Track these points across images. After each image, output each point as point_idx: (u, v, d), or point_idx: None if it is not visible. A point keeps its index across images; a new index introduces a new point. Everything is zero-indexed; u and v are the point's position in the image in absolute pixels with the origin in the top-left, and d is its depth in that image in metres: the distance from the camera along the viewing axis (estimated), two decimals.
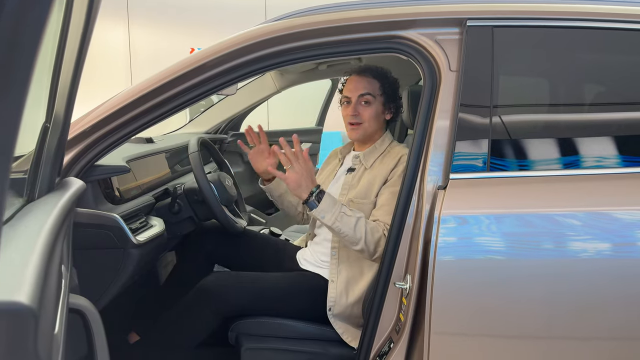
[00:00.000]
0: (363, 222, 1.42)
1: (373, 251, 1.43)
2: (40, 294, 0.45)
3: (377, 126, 1.63)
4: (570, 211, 1.17)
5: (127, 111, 1.30)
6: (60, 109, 0.90)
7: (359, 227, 1.41)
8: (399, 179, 1.50)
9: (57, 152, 0.95)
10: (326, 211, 1.40)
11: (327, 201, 1.41)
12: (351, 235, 1.41)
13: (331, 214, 1.40)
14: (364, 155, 1.63)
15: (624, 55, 1.27)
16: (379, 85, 1.61)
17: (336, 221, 1.40)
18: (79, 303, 0.88)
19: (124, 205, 1.48)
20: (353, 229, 1.40)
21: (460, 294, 1.16)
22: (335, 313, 1.50)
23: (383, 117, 1.64)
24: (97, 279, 1.35)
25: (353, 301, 1.50)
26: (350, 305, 1.50)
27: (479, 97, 1.22)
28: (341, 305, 1.50)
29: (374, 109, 1.60)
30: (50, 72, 0.84)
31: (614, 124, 1.27)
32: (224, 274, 1.64)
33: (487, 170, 1.20)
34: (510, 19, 1.24)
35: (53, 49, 0.81)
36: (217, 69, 1.30)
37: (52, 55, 0.82)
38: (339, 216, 1.40)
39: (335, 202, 1.42)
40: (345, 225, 1.40)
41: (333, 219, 1.40)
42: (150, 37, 5.34)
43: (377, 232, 1.44)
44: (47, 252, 0.56)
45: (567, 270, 1.15)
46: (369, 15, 1.28)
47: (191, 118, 2.87)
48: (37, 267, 0.47)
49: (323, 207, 1.40)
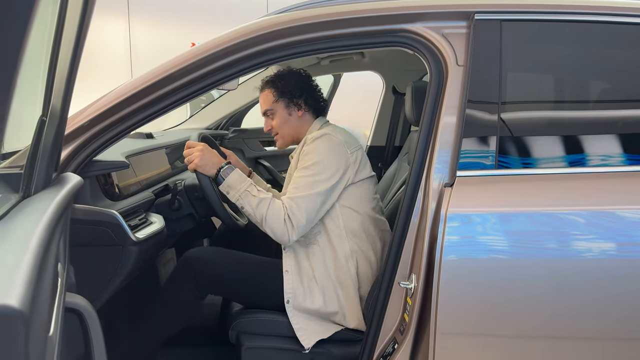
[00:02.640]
0: (266, 203, 1.43)
1: (278, 235, 1.43)
2: (32, 297, 0.43)
3: (293, 127, 1.64)
4: (578, 210, 1.15)
5: (127, 105, 1.28)
6: (57, 102, 0.88)
7: (260, 208, 1.43)
8: (302, 159, 1.49)
9: (54, 147, 0.92)
10: (231, 187, 1.47)
11: (233, 178, 1.47)
12: (252, 215, 1.45)
13: (235, 191, 1.46)
14: (295, 152, 1.62)
15: (634, 50, 1.24)
16: (272, 92, 1.63)
17: (240, 199, 1.46)
18: (76, 302, 0.85)
19: (123, 202, 1.46)
20: (254, 208, 1.44)
21: (467, 294, 1.14)
22: (295, 307, 1.48)
23: (294, 116, 1.63)
24: (95, 276, 1.33)
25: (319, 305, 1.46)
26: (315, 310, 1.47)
27: (486, 92, 1.19)
28: (300, 302, 1.47)
29: (279, 116, 1.63)
30: (46, 64, 0.81)
31: (625, 121, 1.24)
32: (207, 247, 1.66)
33: (494, 167, 1.18)
34: (519, 13, 1.21)
35: (49, 41, 0.79)
36: (218, 62, 1.28)
37: (48, 47, 0.79)
38: (243, 194, 1.45)
39: (242, 181, 1.48)
40: (247, 205, 1.45)
41: (237, 196, 1.46)
42: (150, 32, 5.31)
43: (278, 215, 1.43)
44: (41, 252, 0.53)
45: (574, 270, 1.13)
46: (375, 8, 1.25)
47: (192, 113, 2.85)
48: (29, 268, 0.45)
49: (228, 183, 1.47)
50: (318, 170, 1.45)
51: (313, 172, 1.45)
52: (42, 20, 0.75)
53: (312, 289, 1.48)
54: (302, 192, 1.44)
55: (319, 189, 1.44)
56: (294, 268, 1.50)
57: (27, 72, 0.89)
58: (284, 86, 1.63)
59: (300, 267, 1.50)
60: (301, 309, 1.47)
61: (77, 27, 0.83)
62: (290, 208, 1.43)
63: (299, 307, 1.47)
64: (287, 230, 1.42)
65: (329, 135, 1.50)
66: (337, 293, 1.47)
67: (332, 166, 1.46)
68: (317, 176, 1.45)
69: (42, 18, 0.77)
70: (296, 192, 1.44)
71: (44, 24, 0.75)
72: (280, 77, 1.65)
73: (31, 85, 0.85)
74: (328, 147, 1.48)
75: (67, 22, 0.79)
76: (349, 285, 1.48)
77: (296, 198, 1.43)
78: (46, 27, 0.76)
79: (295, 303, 1.47)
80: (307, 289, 1.48)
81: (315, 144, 1.49)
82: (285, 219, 1.42)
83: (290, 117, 1.64)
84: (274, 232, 1.44)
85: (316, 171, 1.45)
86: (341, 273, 1.49)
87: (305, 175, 1.46)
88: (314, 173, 1.45)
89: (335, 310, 1.47)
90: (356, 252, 1.50)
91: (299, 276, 1.49)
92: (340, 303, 1.47)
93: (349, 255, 1.50)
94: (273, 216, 1.43)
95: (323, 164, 1.46)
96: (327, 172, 1.45)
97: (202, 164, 1.49)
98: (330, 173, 1.46)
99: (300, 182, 1.45)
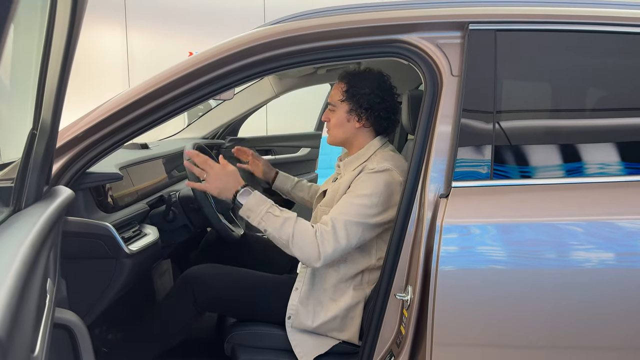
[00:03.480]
0: (291, 222, 1.34)
1: (308, 254, 1.34)
2: (13, 320, 0.42)
3: (346, 134, 1.54)
4: (574, 220, 1.14)
5: (122, 116, 1.27)
6: (48, 115, 0.87)
7: (285, 228, 1.33)
8: (359, 185, 1.41)
9: (45, 160, 0.91)
10: (251, 210, 1.36)
11: (252, 201, 1.37)
12: (277, 238, 1.35)
13: (256, 214, 1.36)
14: (344, 163, 1.57)
15: (629, 59, 1.24)
16: (343, 89, 1.52)
17: (262, 221, 1.35)
18: (66, 318, 0.84)
19: (117, 214, 1.45)
20: (279, 229, 1.34)
21: (463, 305, 1.13)
22: (295, 325, 1.45)
23: (351, 125, 1.52)
24: (88, 289, 1.31)
25: (319, 324, 1.44)
26: (313, 328, 1.44)
27: (481, 102, 1.19)
28: (301, 321, 1.44)
29: (337, 117, 1.53)
30: (36, 77, 0.81)
31: (620, 130, 1.24)
32: (207, 265, 1.62)
33: (490, 177, 1.17)
34: (513, 23, 1.21)
35: (38, 53, 0.78)
36: (214, 72, 1.27)
37: (37, 60, 0.79)
38: (265, 216, 1.35)
39: (262, 202, 1.37)
40: (271, 227, 1.35)
41: (258, 218, 1.35)
42: (148, 41, 5.32)
43: (307, 233, 1.34)
44: (26, 270, 0.52)
45: (571, 280, 1.13)
46: (369, 19, 1.25)
47: (189, 122, 2.84)
48: (11, 290, 0.44)
49: (248, 207, 1.36)
50: (371, 204, 1.37)
51: (365, 203, 1.37)
52: (30, 32, 0.75)
53: (316, 310, 1.45)
54: (350, 217, 1.36)
55: (367, 221, 1.37)
56: (305, 287, 1.47)
57: (16, 86, 0.89)
58: (357, 90, 1.51)
59: (313, 288, 1.47)
60: (300, 327, 1.45)
61: (66, 39, 0.83)
62: (332, 227, 1.34)
63: (299, 325, 1.45)
64: (319, 248, 1.33)
65: (391, 173, 1.42)
66: (341, 315, 1.44)
67: (385, 204, 1.39)
68: (368, 209, 1.37)
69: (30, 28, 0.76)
70: (343, 215, 1.36)
71: (33, 36, 0.75)
72: (360, 78, 1.53)
73: (21, 98, 0.85)
74: (387, 184, 1.40)
75: (56, 34, 0.79)
76: (357, 306, 1.46)
77: (342, 220, 1.35)
78: (35, 40, 0.76)
79: (295, 321, 1.45)
80: (311, 309, 1.45)
81: (375, 177, 1.40)
82: (318, 236, 1.34)
83: (348, 123, 1.53)
84: (303, 251, 1.34)
85: (369, 203, 1.37)
86: (353, 295, 1.46)
87: (355, 203, 1.38)
88: (367, 204, 1.37)
89: (334, 326, 1.45)
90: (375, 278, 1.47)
91: (307, 296, 1.46)
92: (343, 321, 1.45)
93: (370, 281, 1.47)
94: (301, 234, 1.34)
95: (378, 199, 1.38)
96: (379, 208, 1.38)
97: (217, 190, 1.38)
98: (381, 210, 1.39)
99: (351, 208, 1.37)
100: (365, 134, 1.54)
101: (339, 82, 1.55)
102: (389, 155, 1.51)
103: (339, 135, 1.55)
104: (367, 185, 1.40)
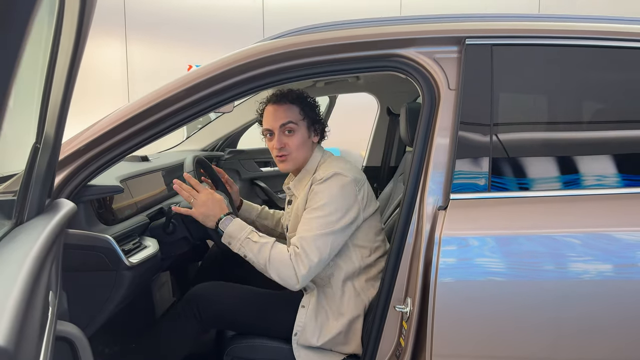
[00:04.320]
0: (268, 247, 1.37)
1: (284, 276, 1.35)
2: (19, 332, 0.42)
3: (306, 152, 1.54)
4: (571, 232, 1.15)
5: (123, 129, 1.28)
6: (51, 129, 0.88)
7: (262, 252, 1.36)
8: (312, 199, 1.42)
9: (48, 173, 0.92)
10: (232, 237, 1.40)
11: (232, 227, 1.41)
12: (256, 263, 1.38)
13: (236, 241, 1.39)
14: (294, 184, 1.57)
15: (622, 73, 1.26)
16: (298, 109, 1.53)
17: (241, 247, 1.39)
18: (67, 330, 0.84)
19: (118, 226, 1.45)
20: (256, 254, 1.37)
21: (463, 317, 1.14)
22: (300, 343, 1.45)
23: (310, 141, 1.55)
24: (89, 302, 1.31)
25: (324, 341, 1.44)
26: (318, 346, 1.44)
27: (478, 115, 1.20)
28: (307, 338, 1.44)
29: (300, 136, 1.51)
30: (40, 92, 0.82)
31: (615, 143, 1.25)
32: (211, 283, 1.62)
33: (488, 190, 1.18)
34: (509, 37, 1.23)
35: (43, 69, 0.79)
36: (214, 87, 1.29)
37: (42, 75, 0.80)
38: (244, 242, 1.39)
39: (242, 229, 1.41)
40: (249, 251, 1.38)
41: (238, 244, 1.39)
42: (148, 54, 5.35)
43: (283, 257, 1.36)
44: (30, 284, 0.53)
45: (569, 292, 1.13)
46: (368, 34, 1.27)
47: (188, 135, 2.85)
48: (16, 302, 0.44)
49: (228, 233, 1.40)
50: (330, 211, 1.39)
51: (325, 213, 1.39)
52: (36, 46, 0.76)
53: (322, 328, 1.45)
54: (315, 232, 1.37)
55: (332, 229, 1.38)
56: (313, 305, 1.47)
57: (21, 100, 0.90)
58: (310, 107, 1.55)
59: (319, 306, 1.48)
60: (306, 344, 1.45)
61: (71, 53, 0.84)
62: (301, 247, 1.36)
63: (305, 342, 1.45)
64: (295, 270, 1.35)
65: (340, 176, 1.43)
66: (345, 330, 1.45)
67: (344, 207, 1.41)
68: (329, 217, 1.38)
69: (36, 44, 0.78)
70: (308, 232, 1.38)
71: (38, 50, 0.76)
72: (304, 97, 1.57)
73: (25, 113, 0.86)
74: (339, 187, 1.41)
75: (61, 48, 0.80)
76: (357, 319, 1.46)
77: (308, 237, 1.37)
78: (40, 54, 0.77)
79: (301, 338, 1.45)
80: (317, 327, 1.45)
81: (327, 185, 1.42)
82: (292, 259, 1.35)
83: (309, 139, 1.54)
84: (279, 274, 1.36)
85: (328, 212, 1.39)
86: (354, 307, 1.46)
87: (316, 216, 1.39)
88: (326, 214, 1.39)
89: (339, 341, 1.45)
90: (369, 282, 1.48)
91: (314, 313, 1.47)
92: (347, 336, 1.45)
93: (364, 288, 1.48)
94: (276, 258, 1.36)
95: (335, 205, 1.39)
96: (339, 213, 1.39)
97: (202, 216, 1.44)
98: (342, 214, 1.40)
99: (312, 223, 1.39)
100: (312, 148, 1.57)
101: (288, 104, 1.53)
102: (332, 161, 1.54)
103: (302, 155, 1.53)
104: (320, 196, 1.41)
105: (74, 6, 0.77)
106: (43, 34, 0.75)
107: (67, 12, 0.76)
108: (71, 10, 0.77)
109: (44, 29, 0.75)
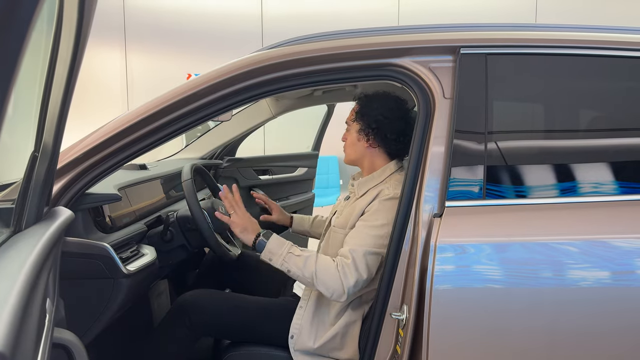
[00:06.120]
0: (313, 260, 1.37)
1: (332, 288, 1.35)
2: (16, 338, 0.43)
3: (356, 153, 1.55)
4: (568, 239, 1.15)
5: (121, 138, 1.29)
6: (49, 137, 0.89)
7: (307, 267, 1.36)
8: (374, 214, 1.42)
9: (46, 182, 0.93)
10: (273, 253, 1.41)
11: (273, 243, 1.42)
12: (301, 277, 1.38)
13: (278, 256, 1.40)
14: (358, 183, 1.57)
15: (618, 82, 1.28)
16: (356, 110, 1.56)
17: (284, 262, 1.39)
18: (64, 337, 0.85)
19: (115, 234, 1.46)
20: (302, 268, 1.37)
21: (458, 324, 1.14)
22: (297, 347, 1.45)
23: (361, 144, 1.54)
24: (86, 309, 1.32)
25: (320, 344, 1.44)
26: (315, 349, 1.45)
27: (473, 123, 1.22)
28: (303, 341, 1.45)
29: (350, 137, 1.57)
30: (39, 100, 0.83)
31: (609, 151, 1.26)
32: (202, 290, 1.63)
33: (483, 197, 1.19)
34: (503, 47, 1.24)
35: (42, 77, 0.80)
36: (212, 96, 1.30)
37: (40, 83, 0.81)
38: (286, 257, 1.39)
39: (282, 244, 1.41)
40: (294, 266, 1.38)
41: (280, 260, 1.39)
42: (147, 63, 5.38)
43: (329, 268, 1.36)
44: (27, 290, 0.53)
45: (566, 299, 1.13)
46: (363, 44, 1.29)
47: (187, 143, 2.86)
48: (13, 309, 0.45)
49: (269, 249, 1.41)
50: (385, 233, 1.37)
51: (381, 234, 1.39)
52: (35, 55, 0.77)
53: (319, 329, 1.46)
54: (367, 248, 1.37)
55: (382, 250, 1.37)
56: (311, 307, 1.48)
57: (19, 109, 0.91)
58: (367, 110, 1.52)
59: (317, 307, 1.48)
60: (303, 348, 1.45)
61: (70, 62, 0.85)
62: (352, 259, 1.35)
63: (302, 345, 1.45)
64: (342, 281, 1.34)
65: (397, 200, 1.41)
66: (341, 332, 1.45)
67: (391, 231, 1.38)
68: (385, 240, 1.36)
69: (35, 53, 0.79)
70: (360, 247, 1.37)
71: (37, 58, 0.77)
72: (372, 99, 1.54)
73: (24, 121, 0.87)
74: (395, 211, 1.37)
75: (60, 57, 0.81)
76: (355, 324, 1.46)
77: (360, 251, 1.36)
78: (39, 62, 0.78)
79: (298, 341, 1.45)
80: (314, 329, 1.46)
81: (390, 205, 1.40)
82: (340, 270, 1.35)
83: (359, 142, 1.54)
84: (327, 286, 1.35)
85: (383, 233, 1.38)
86: (352, 311, 1.46)
87: (372, 234, 1.39)
88: (382, 235, 1.38)
89: (335, 345, 1.45)
90: (370, 286, 1.47)
91: (311, 315, 1.47)
92: (343, 339, 1.45)
93: (365, 301, 1.48)
94: (323, 270, 1.36)
95: (389, 228, 1.36)
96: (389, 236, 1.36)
97: (240, 228, 1.46)
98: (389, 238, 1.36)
99: (365, 239, 1.38)
100: (376, 155, 1.54)
101: (356, 105, 1.58)
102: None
103: (351, 154, 1.58)
104: (381, 215, 1.41)
105: (73, 14, 0.78)
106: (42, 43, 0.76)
107: (66, 20, 0.77)
108: (70, 18, 0.78)
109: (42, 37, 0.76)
